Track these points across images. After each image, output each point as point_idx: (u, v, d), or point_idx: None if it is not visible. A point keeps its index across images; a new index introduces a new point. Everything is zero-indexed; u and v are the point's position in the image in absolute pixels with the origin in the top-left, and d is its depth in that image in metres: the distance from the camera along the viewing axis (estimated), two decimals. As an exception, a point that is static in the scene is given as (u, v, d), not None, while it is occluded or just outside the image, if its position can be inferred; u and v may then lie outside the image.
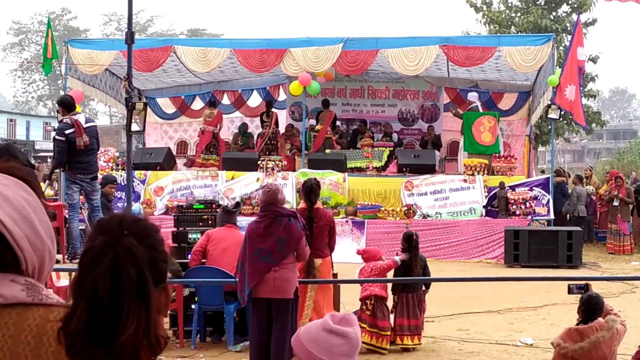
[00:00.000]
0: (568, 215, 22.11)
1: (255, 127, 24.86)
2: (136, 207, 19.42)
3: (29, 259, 1.95)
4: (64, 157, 11.71)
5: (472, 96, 22.42)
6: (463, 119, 21.02)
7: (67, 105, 12.01)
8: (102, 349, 1.70)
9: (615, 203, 21.07)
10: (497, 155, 20.77)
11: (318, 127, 22.44)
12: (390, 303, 9.92)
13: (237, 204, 10.79)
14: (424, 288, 10.04)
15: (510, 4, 37.85)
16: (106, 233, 1.79)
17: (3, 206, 1.92)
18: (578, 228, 18.93)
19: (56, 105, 13.49)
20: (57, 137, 11.94)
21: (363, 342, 9.60)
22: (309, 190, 9.27)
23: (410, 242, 9.82)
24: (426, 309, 10.04)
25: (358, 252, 10.44)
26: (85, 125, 11.72)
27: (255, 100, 25.97)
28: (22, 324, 1.89)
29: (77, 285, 1.75)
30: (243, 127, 24.17)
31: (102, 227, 1.82)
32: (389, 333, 9.68)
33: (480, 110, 21.68)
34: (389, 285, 9.99)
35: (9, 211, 1.92)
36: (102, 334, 1.70)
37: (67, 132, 11.59)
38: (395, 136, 23.93)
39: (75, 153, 11.67)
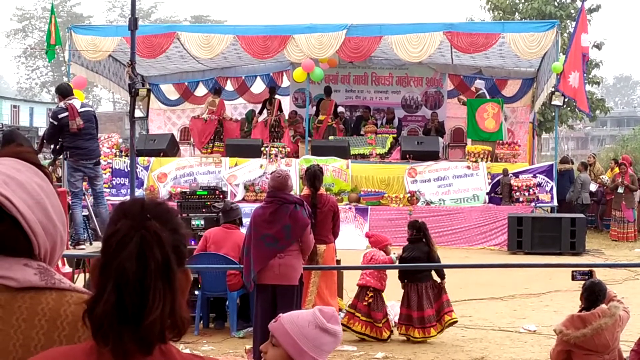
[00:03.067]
0: (572, 203, 22.07)
1: (258, 113, 24.87)
2: (139, 193, 19.43)
3: (41, 244, 1.96)
4: (53, 139, 11.80)
5: (480, 83, 22.43)
6: (467, 105, 20.99)
7: (63, 91, 12.01)
8: (130, 330, 1.72)
9: (620, 190, 21.01)
10: (500, 142, 20.76)
11: (321, 117, 22.39)
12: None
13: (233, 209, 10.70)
14: (437, 278, 9.76)
15: (514, -10, 37.73)
16: (130, 217, 1.79)
17: (17, 191, 1.94)
18: (581, 215, 18.92)
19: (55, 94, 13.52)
20: (50, 120, 12.01)
21: (358, 332, 9.64)
22: (313, 176, 9.25)
23: (416, 228, 9.77)
24: (446, 300, 9.70)
25: (367, 235, 10.50)
26: (80, 110, 11.71)
27: (258, 86, 25.95)
28: (36, 308, 1.92)
29: (103, 268, 1.76)
30: (251, 114, 24.09)
31: (124, 211, 1.82)
32: (380, 325, 9.66)
33: (487, 97, 21.68)
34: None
35: (23, 196, 1.94)
36: (130, 315, 1.72)
37: (60, 116, 11.60)
38: (396, 121, 23.86)
39: (72, 138, 11.67)
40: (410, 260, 9.65)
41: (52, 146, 12.14)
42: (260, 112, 23.43)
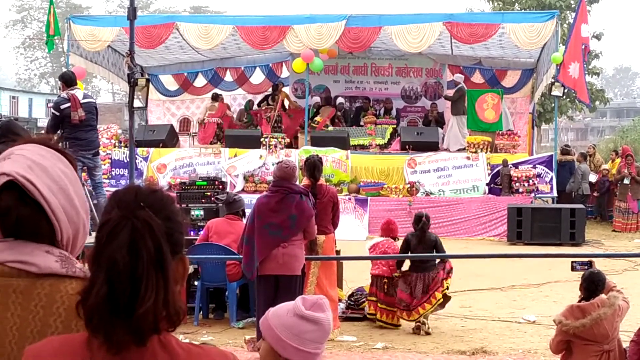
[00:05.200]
0: (573, 193, 22.05)
1: (257, 105, 24.90)
2: (139, 184, 19.38)
3: (64, 230, 1.98)
4: (55, 130, 11.75)
5: (459, 77, 22.48)
6: (467, 96, 20.97)
7: (67, 80, 11.98)
8: (122, 321, 1.71)
9: (626, 181, 20.95)
10: (500, 132, 20.75)
11: (317, 118, 22.33)
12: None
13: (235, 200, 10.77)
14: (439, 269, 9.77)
15: (514, -19, 37.67)
16: (122, 206, 1.78)
17: (41, 176, 1.95)
18: (581, 206, 18.92)
19: (58, 81, 13.48)
20: (52, 111, 11.97)
21: (378, 320, 9.74)
22: (312, 167, 9.22)
23: (418, 223, 9.78)
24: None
25: (389, 221, 10.54)
26: (82, 101, 11.69)
27: (258, 77, 25.92)
28: (55, 296, 1.93)
29: (95, 258, 1.75)
30: (249, 104, 24.10)
31: (118, 200, 1.81)
32: (395, 309, 9.76)
33: (466, 88, 21.68)
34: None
35: (47, 181, 1.95)
36: (122, 306, 1.70)
37: (62, 106, 11.58)
38: (394, 112, 23.83)
39: (73, 129, 11.65)
40: (414, 246, 9.70)
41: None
42: (260, 105, 23.44)
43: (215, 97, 23.38)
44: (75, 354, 1.77)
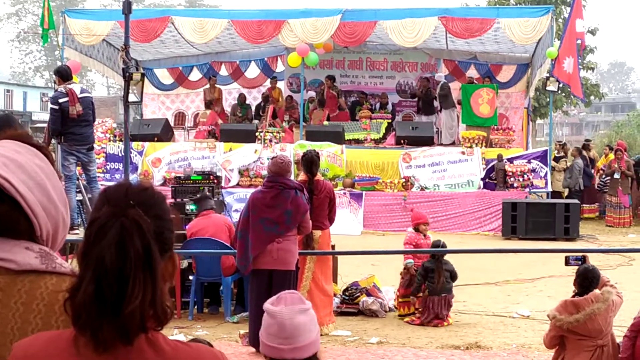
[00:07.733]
0: (569, 189, 22.05)
1: (252, 98, 24.89)
2: (133, 178, 19.38)
3: (43, 225, 1.96)
4: (57, 125, 11.68)
5: (439, 76, 22.58)
6: (462, 90, 20.98)
7: (63, 74, 11.94)
8: (109, 320, 1.70)
9: (616, 176, 21.00)
10: (495, 127, 20.76)
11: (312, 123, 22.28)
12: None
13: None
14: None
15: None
16: (112, 203, 1.77)
17: (17, 172, 1.93)
18: (575, 201, 18.94)
19: (53, 75, 13.44)
20: (51, 105, 11.92)
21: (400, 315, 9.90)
22: (310, 162, 9.19)
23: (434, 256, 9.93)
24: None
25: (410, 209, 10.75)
26: (80, 95, 11.65)
27: (253, 71, 25.89)
28: (34, 292, 1.91)
29: (83, 256, 1.74)
30: (240, 98, 24.11)
31: (108, 197, 1.80)
32: (408, 300, 10.00)
33: (450, 87, 21.73)
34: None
35: (22, 177, 1.93)
36: (109, 304, 1.70)
37: (60, 100, 11.54)
38: (389, 106, 23.84)
39: (69, 123, 11.62)
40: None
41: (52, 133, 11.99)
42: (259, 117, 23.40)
43: (208, 105, 23.31)
44: (62, 352, 1.77)
